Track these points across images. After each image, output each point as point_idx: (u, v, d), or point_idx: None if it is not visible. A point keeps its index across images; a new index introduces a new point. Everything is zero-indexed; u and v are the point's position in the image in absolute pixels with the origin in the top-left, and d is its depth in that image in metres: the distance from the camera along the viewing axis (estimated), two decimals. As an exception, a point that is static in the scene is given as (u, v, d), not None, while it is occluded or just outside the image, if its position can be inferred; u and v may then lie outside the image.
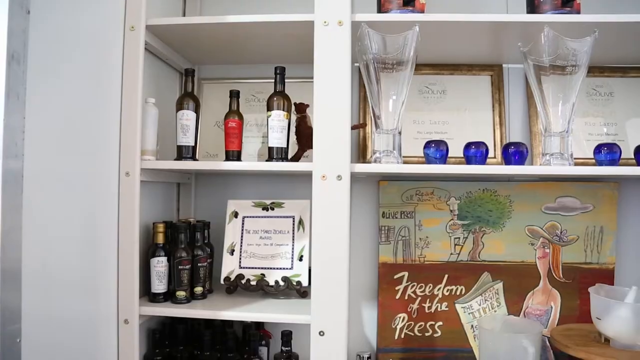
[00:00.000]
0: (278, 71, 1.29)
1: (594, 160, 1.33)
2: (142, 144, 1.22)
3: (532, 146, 1.47)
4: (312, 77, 1.16)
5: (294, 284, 1.31)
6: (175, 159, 1.31)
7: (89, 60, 1.20)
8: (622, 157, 1.33)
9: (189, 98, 1.31)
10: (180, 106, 1.30)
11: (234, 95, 1.35)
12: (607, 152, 1.25)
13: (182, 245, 1.28)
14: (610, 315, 1.23)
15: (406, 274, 1.46)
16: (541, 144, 1.25)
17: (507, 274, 1.46)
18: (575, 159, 1.44)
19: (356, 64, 1.29)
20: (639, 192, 1.55)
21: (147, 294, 1.28)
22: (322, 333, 1.14)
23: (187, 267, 1.27)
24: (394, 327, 1.46)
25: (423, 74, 1.50)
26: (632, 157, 1.33)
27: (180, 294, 1.26)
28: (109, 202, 1.19)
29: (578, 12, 1.22)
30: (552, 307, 1.47)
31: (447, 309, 1.46)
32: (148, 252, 1.27)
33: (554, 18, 1.19)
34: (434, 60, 1.49)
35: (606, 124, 1.53)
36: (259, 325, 1.46)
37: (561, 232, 1.47)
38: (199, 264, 1.30)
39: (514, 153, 1.21)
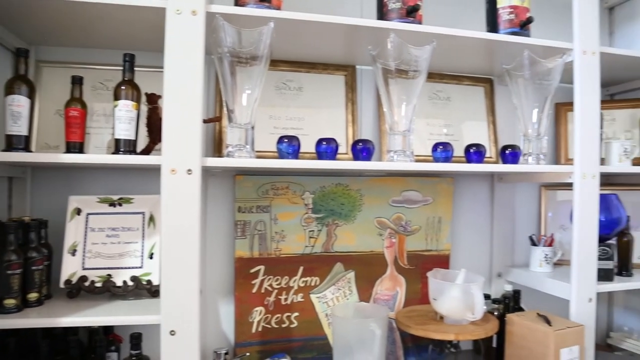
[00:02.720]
0: (127, 58, 1.22)
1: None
2: (-40, 132, 1.07)
3: (381, 144, 1.58)
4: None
5: (144, 283, 1.25)
6: (4, 150, 1.16)
7: None
8: (456, 155, 1.49)
9: (21, 82, 1.17)
10: (10, 90, 1.15)
11: (77, 81, 1.23)
12: (442, 150, 1.39)
13: (12, 247, 1.13)
14: (443, 296, 1.38)
15: (262, 267, 1.47)
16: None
17: (358, 263, 1.55)
18: (418, 156, 1.59)
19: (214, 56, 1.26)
20: (469, 186, 1.76)
21: (-32, 305, 1.12)
22: (173, 332, 1.11)
23: (18, 271, 1.13)
24: (251, 321, 1.47)
25: (280, 70, 1.52)
26: (464, 155, 1.50)
27: (9, 302, 1.12)
28: None
29: (420, 23, 1.33)
30: (398, 292, 1.60)
31: (302, 299, 1.51)
32: (-32, 256, 1.11)
33: (399, 26, 1.28)
34: (292, 58, 1.52)
35: (446, 125, 1.70)
36: (109, 329, 1.37)
37: (406, 223, 1.60)
38: (33, 268, 1.17)
39: (362, 149, 1.29)
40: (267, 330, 1.48)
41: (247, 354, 1.45)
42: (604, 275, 1.51)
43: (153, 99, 1.29)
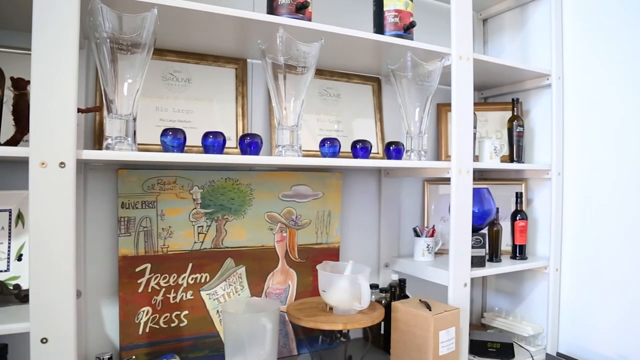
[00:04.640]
0: (-13, 38, 1.10)
1: (322, 153, 1.50)
2: None
3: (272, 138, 1.59)
4: (35, 50, 1.01)
5: (11, 288, 1.13)
6: None
7: None
8: (345, 150, 1.54)
9: None
10: None
11: None
12: (330, 146, 1.43)
13: None
14: (332, 287, 1.42)
15: (149, 265, 1.41)
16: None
17: (249, 258, 1.55)
18: (309, 151, 1.62)
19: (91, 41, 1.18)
20: (357, 180, 1.83)
21: None
22: (44, 340, 1.02)
23: None
24: (137, 322, 1.40)
25: (168, 59, 1.46)
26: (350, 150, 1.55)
27: None
28: None
29: (309, 20, 1.36)
30: (289, 285, 1.62)
31: (192, 297, 1.47)
32: None
33: (288, 21, 1.29)
34: (180, 47, 1.46)
35: (336, 121, 1.74)
36: (-32, 342, 1.22)
37: (296, 217, 1.63)
38: None
39: (250, 144, 1.28)
40: (155, 331, 1.42)
41: (134, 357, 1.38)
42: (477, 262, 1.66)
43: (21, 85, 1.17)
